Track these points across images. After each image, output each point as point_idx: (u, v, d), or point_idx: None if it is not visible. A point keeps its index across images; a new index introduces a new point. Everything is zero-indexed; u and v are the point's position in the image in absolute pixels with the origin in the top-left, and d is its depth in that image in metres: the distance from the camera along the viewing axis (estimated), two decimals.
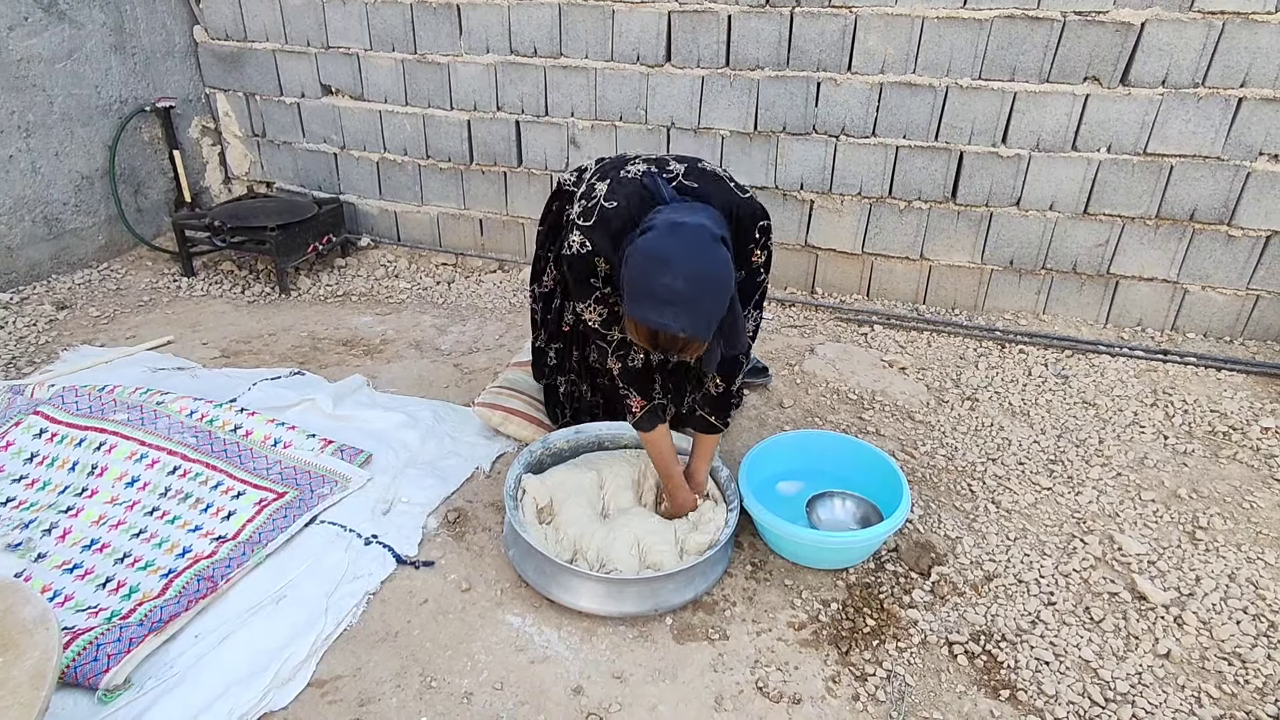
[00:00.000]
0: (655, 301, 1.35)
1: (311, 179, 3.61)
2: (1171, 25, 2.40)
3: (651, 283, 1.36)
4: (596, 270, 1.58)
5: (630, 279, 1.40)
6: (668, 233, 1.40)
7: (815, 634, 1.58)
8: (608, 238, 1.54)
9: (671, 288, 1.34)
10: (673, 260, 1.36)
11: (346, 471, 1.93)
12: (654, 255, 1.38)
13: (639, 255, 1.39)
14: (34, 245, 3.07)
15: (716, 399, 1.77)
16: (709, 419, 1.79)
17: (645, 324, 1.37)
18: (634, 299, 1.39)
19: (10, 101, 2.90)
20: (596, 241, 1.55)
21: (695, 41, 2.83)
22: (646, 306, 1.37)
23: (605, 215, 1.55)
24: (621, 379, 1.71)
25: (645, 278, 1.37)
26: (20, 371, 2.49)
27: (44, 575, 1.61)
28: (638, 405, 1.71)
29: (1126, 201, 2.66)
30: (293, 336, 2.79)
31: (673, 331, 1.36)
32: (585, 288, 1.62)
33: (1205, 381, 2.51)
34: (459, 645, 1.52)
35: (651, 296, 1.36)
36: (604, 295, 1.62)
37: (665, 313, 1.35)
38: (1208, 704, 1.43)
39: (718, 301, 1.39)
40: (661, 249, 1.38)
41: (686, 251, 1.38)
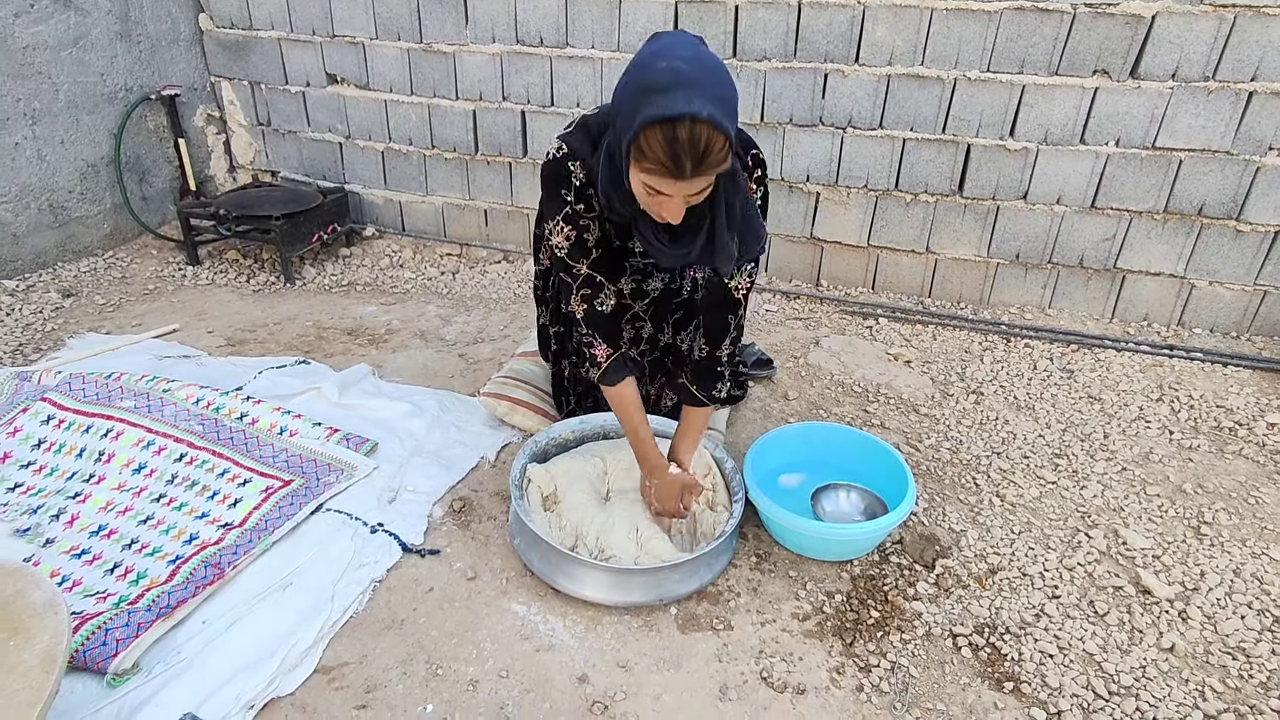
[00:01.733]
0: (661, 89, 1.16)
1: (316, 168, 3.61)
2: (1183, 18, 2.38)
3: (650, 75, 1.19)
4: (570, 178, 1.44)
5: (624, 100, 1.23)
6: (648, 42, 1.26)
7: (820, 625, 1.58)
8: (586, 140, 1.42)
9: (674, 70, 1.17)
10: (666, 48, 1.21)
11: (352, 460, 1.93)
12: (641, 60, 1.22)
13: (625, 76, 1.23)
14: (40, 233, 3.07)
15: (699, 365, 1.61)
16: (690, 387, 1.63)
17: (660, 121, 1.16)
18: (637, 109, 1.19)
19: (16, 89, 2.89)
20: (573, 143, 1.43)
21: (702, 31, 2.82)
22: (654, 102, 1.16)
23: (585, 120, 1.45)
24: (585, 323, 1.56)
25: (641, 76, 1.20)
26: (27, 358, 2.49)
27: (52, 560, 1.62)
28: (603, 354, 1.56)
29: (1134, 195, 2.64)
30: (298, 325, 2.79)
31: (693, 113, 1.15)
32: (555, 200, 1.47)
33: (1211, 377, 2.50)
34: (465, 633, 1.53)
35: (655, 87, 1.17)
36: (574, 212, 1.47)
37: (678, 97, 1.15)
38: (1212, 698, 1.43)
39: (725, 82, 1.22)
40: (647, 51, 1.23)
41: (677, 40, 1.24)
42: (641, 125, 1.18)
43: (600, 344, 1.59)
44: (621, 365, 1.61)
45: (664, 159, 1.20)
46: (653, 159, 1.21)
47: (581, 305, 1.56)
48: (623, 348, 1.61)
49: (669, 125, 1.17)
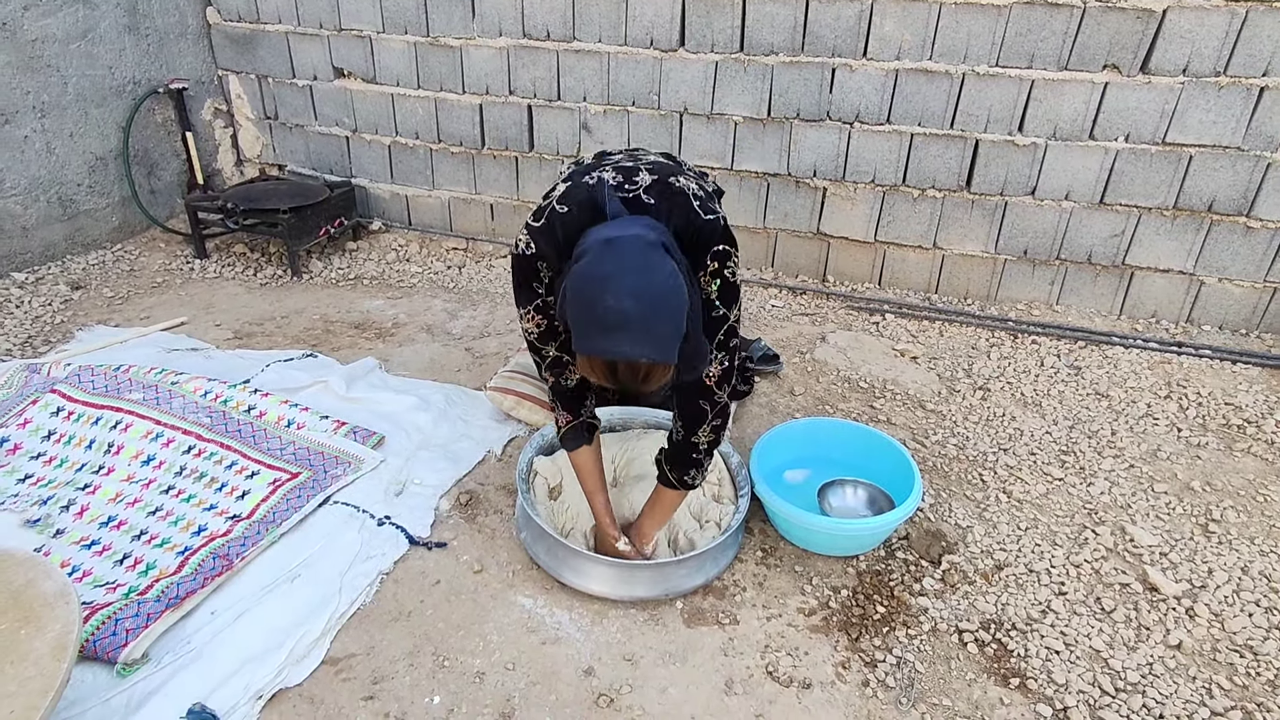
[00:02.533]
0: (604, 329, 1.20)
1: (323, 162, 3.61)
2: (1194, 13, 2.37)
3: (595, 310, 1.21)
4: (540, 274, 1.48)
5: (572, 314, 1.26)
6: (601, 251, 1.26)
7: (825, 620, 1.58)
8: (553, 244, 1.43)
9: (618, 310, 1.19)
10: (611, 278, 1.21)
11: (359, 453, 1.94)
12: (590, 279, 1.23)
13: (575, 283, 1.25)
14: (49, 226, 3.08)
15: (676, 449, 1.57)
16: (665, 471, 1.60)
17: (600, 355, 1.23)
18: (581, 334, 1.24)
19: (25, 82, 2.90)
20: (541, 245, 1.45)
21: (709, 26, 2.81)
22: (595, 337, 1.22)
23: (554, 220, 1.44)
24: (552, 393, 1.63)
25: (587, 306, 1.22)
26: (36, 350, 2.51)
27: (63, 551, 1.63)
28: (563, 421, 1.63)
29: (1144, 192, 2.63)
30: (305, 319, 2.80)
31: (631, 358, 1.21)
32: (527, 292, 1.51)
33: (1220, 374, 2.49)
34: (471, 626, 1.54)
35: (599, 325, 1.21)
36: (544, 304, 1.51)
37: (619, 340, 1.20)
38: (1219, 695, 1.43)
39: (674, 316, 1.24)
40: (597, 270, 1.23)
41: (625, 265, 1.23)
42: (582, 349, 1.25)
43: (561, 411, 1.64)
44: (578, 433, 1.65)
45: (607, 380, 1.27)
46: (597, 375, 1.28)
47: (550, 378, 1.63)
48: (583, 415, 1.65)
49: (610, 361, 1.23)
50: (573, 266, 1.29)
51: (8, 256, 2.97)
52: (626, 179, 1.46)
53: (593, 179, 1.46)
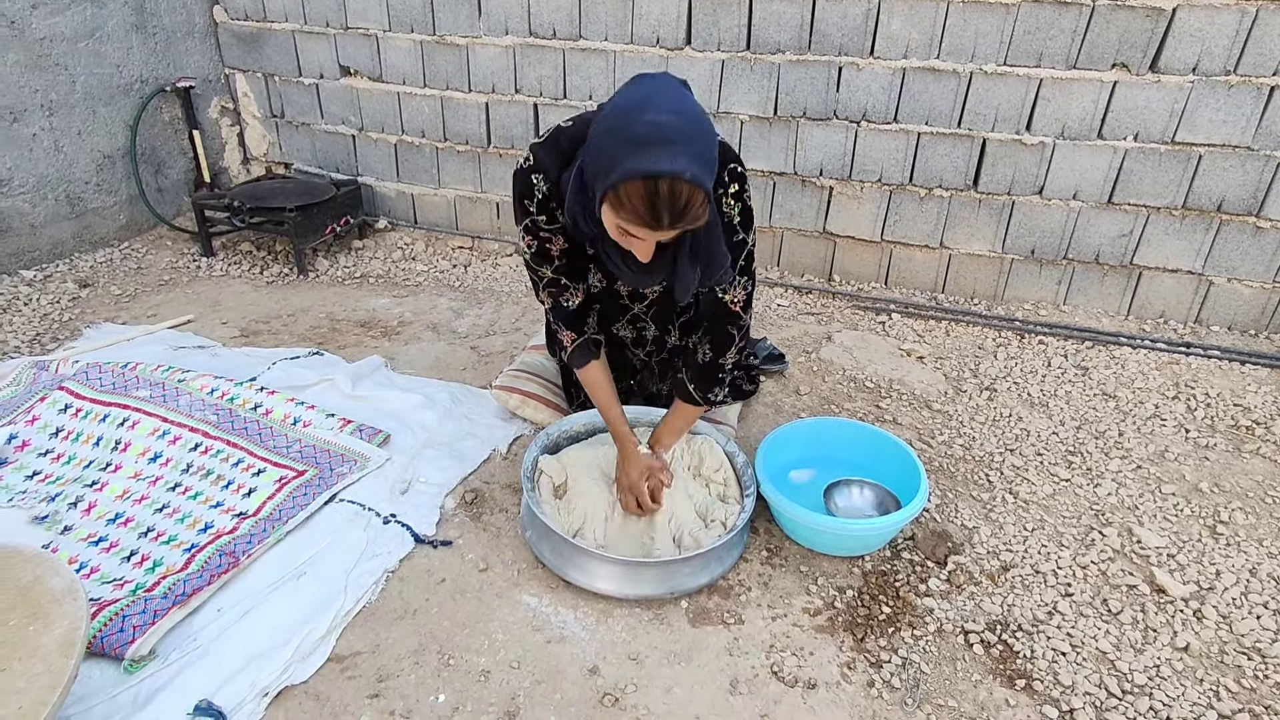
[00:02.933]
0: (644, 146, 1.13)
1: (329, 160, 3.62)
2: (1204, 11, 2.35)
3: (634, 129, 1.14)
4: (534, 190, 1.45)
5: (604, 147, 1.19)
6: (635, 83, 1.21)
7: (830, 620, 1.58)
8: (556, 155, 1.41)
9: (659, 124, 1.13)
10: (650, 98, 1.16)
11: (365, 451, 1.94)
12: (625, 105, 1.17)
13: (608, 120, 1.19)
14: (57, 223, 3.10)
15: (702, 368, 1.61)
16: (688, 386, 1.63)
17: (642, 176, 1.14)
18: (617, 158, 1.16)
19: (33, 80, 2.92)
20: (540, 156, 1.43)
21: (716, 24, 2.80)
22: (634, 156, 1.13)
23: (558, 134, 1.44)
24: (552, 315, 1.63)
25: (624, 129, 1.15)
26: (44, 348, 2.52)
27: (70, 547, 1.64)
28: (568, 339, 1.63)
29: (1153, 191, 2.61)
30: (311, 317, 2.80)
31: (676, 173, 1.13)
32: (520, 209, 1.49)
33: (1229, 375, 2.48)
34: (476, 624, 1.54)
35: (638, 143, 1.13)
36: (534, 223, 1.49)
37: (660, 155, 1.12)
38: (1226, 698, 1.42)
39: (711, 139, 1.20)
40: (631, 96, 1.19)
41: (661, 89, 1.19)
42: (622, 177, 1.16)
43: (566, 331, 1.65)
44: (586, 350, 1.66)
45: (642, 212, 1.19)
46: (630, 210, 1.20)
47: (548, 300, 1.63)
48: (587, 332, 1.66)
49: (651, 181, 1.15)
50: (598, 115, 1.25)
51: (16, 254, 2.98)
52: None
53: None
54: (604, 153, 1.19)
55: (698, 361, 1.64)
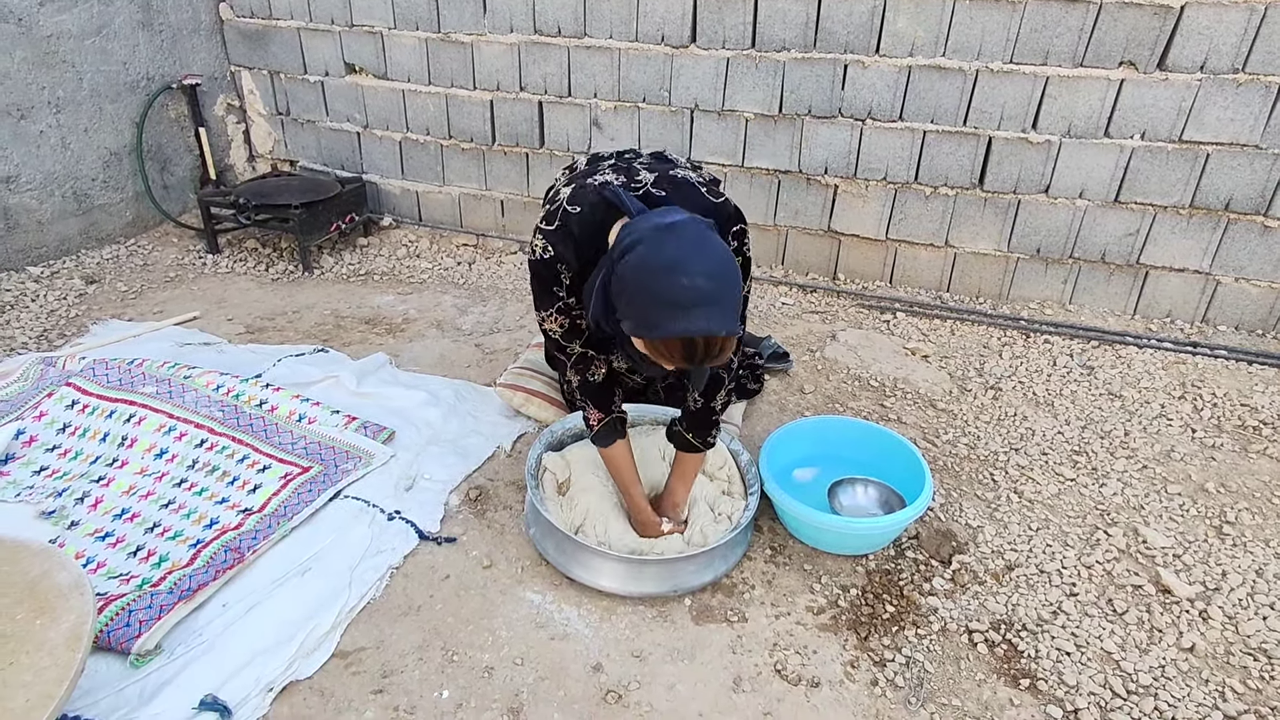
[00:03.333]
0: (683, 309, 1.22)
1: (334, 158, 3.63)
2: (1212, 8, 2.34)
3: (671, 292, 1.23)
4: (560, 278, 1.50)
5: (640, 301, 1.26)
6: (663, 236, 1.27)
7: (834, 619, 1.58)
8: (571, 245, 1.47)
9: (694, 289, 1.22)
10: (685, 261, 1.24)
11: (370, 448, 1.95)
12: (662, 264, 1.24)
13: (639, 272, 1.26)
14: (64, 220, 3.11)
15: (696, 415, 1.66)
16: (686, 437, 1.68)
17: (682, 336, 1.24)
18: (653, 319, 1.25)
19: (41, 77, 2.93)
20: (558, 247, 1.47)
21: (721, 22, 2.80)
22: (674, 319, 1.23)
23: (568, 220, 1.47)
24: (580, 391, 1.65)
25: (663, 289, 1.23)
26: (51, 344, 2.53)
27: (77, 542, 1.65)
28: (595, 419, 1.65)
29: (1159, 190, 2.60)
30: (316, 314, 2.81)
31: (712, 334, 1.24)
32: (548, 296, 1.53)
33: (1236, 375, 2.47)
34: (480, 620, 1.54)
35: (676, 306, 1.23)
36: (566, 305, 1.54)
37: (698, 317, 1.23)
38: (1232, 699, 1.41)
39: (738, 288, 1.30)
40: (667, 254, 1.25)
41: (694, 247, 1.26)
42: (663, 335, 1.25)
43: (593, 410, 1.66)
44: (612, 429, 1.67)
45: (678, 360, 1.29)
46: (666, 355, 1.29)
47: (575, 377, 1.64)
48: (614, 411, 1.68)
49: (689, 340, 1.25)
50: (623, 260, 1.29)
51: (23, 250, 2.99)
52: (629, 178, 1.52)
53: (596, 180, 1.50)
54: (638, 306, 1.27)
55: (691, 409, 1.68)
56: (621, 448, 1.69)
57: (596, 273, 1.40)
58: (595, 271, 1.41)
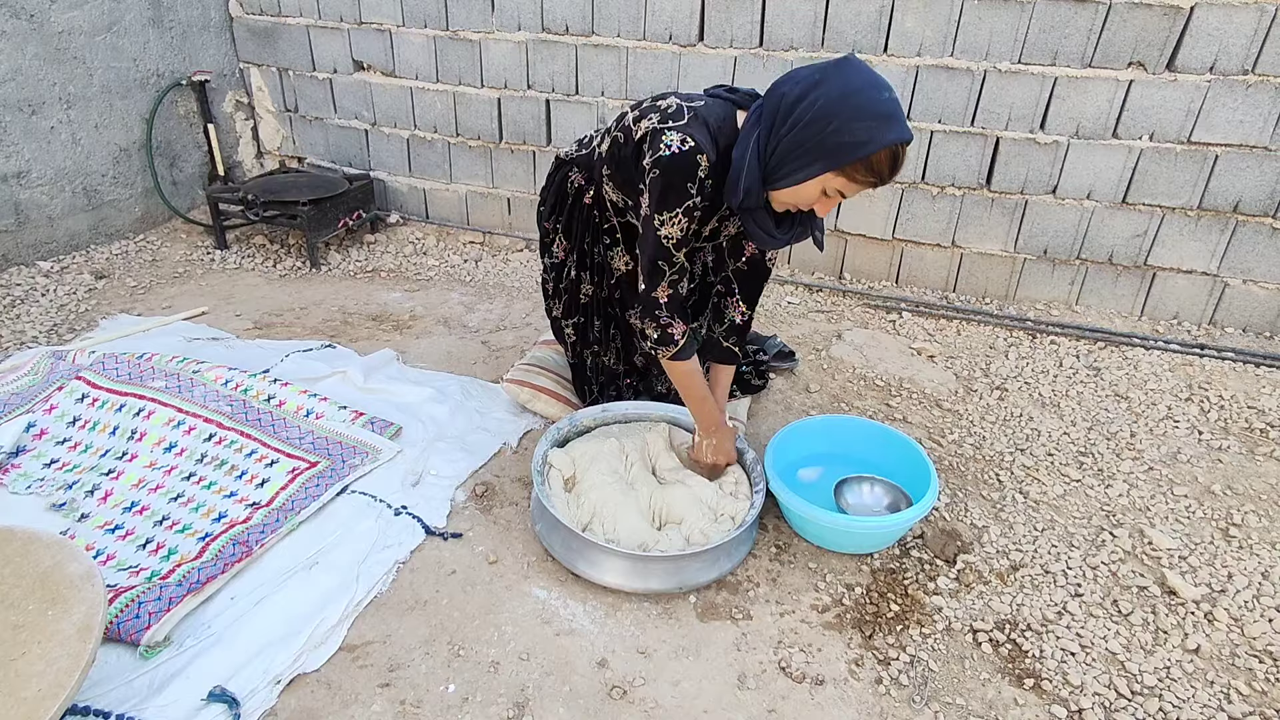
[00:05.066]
0: (893, 119, 1.33)
1: (342, 155, 3.64)
2: (1222, 9, 2.33)
3: (878, 106, 1.33)
4: (697, 171, 1.49)
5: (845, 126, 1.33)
6: (842, 69, 1.36)
7: (839, 617, 1.58)
8: (707, 135, 1.50)
9: (895, 101, 1.34)
10: (875, 79, 1.35)
11: (377, 443, 1.96)
12: (860, 85, 1.34)
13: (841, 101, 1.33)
14: (74, 215, 3.13)
15: (739, 327, 1.84)
16: (733, 348, 1.85)
17: (898, 142, 1.33)
18: (868, 134, 1.32)
19: (52, 73, 2.94)
20: (698, 136, 1.48)
21: (729, 21, 2.80)
22: (890, 128, 1.33)
23: (699, 113, 1.51)
24: (668, 306, 1.64)
25: (871, 105, 1.32)
26: (61, 338, 2.55)
27: (87, 535, 1.66)
28: (680, 332, 1.67)
29: (1168, 191, 2.60)
30: (323, 310, 2.82)
31: (910, 139, 1.36)
32: (679, 193, 1.50)
33: (1243, 377, 2.46)
34: (486, 616, 1.55)
35: (890, 117, 1.33)
36: (694, 204, 1.52)
37: (903, 125, 1.34)
38: (1237, 700, 1.41)
39: None
40: (861, 78, 1.35)
41: (869, 70, 1.37)
42: (881, 145, 1.33)
43: (678, 323, 1.67)
44: (693, 340, 1.74)
45: (885, 174, 1.38)
46: (875, 174, 1.38)
47: (667, 291, 1.63)
48: (692, 323, 1.76)
49: (900, 147, 1.35)
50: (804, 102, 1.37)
51: (34, 245, 3.02)
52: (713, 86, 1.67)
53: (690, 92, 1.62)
54: (841, 133, 1.34)
55: (736, 322, 1.86)
56: (696, 361, 1.75)
57: (744, 145, 1.45)
58: (742, 145, 1.46)
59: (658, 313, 1.65)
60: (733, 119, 1.56)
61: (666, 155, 1.48)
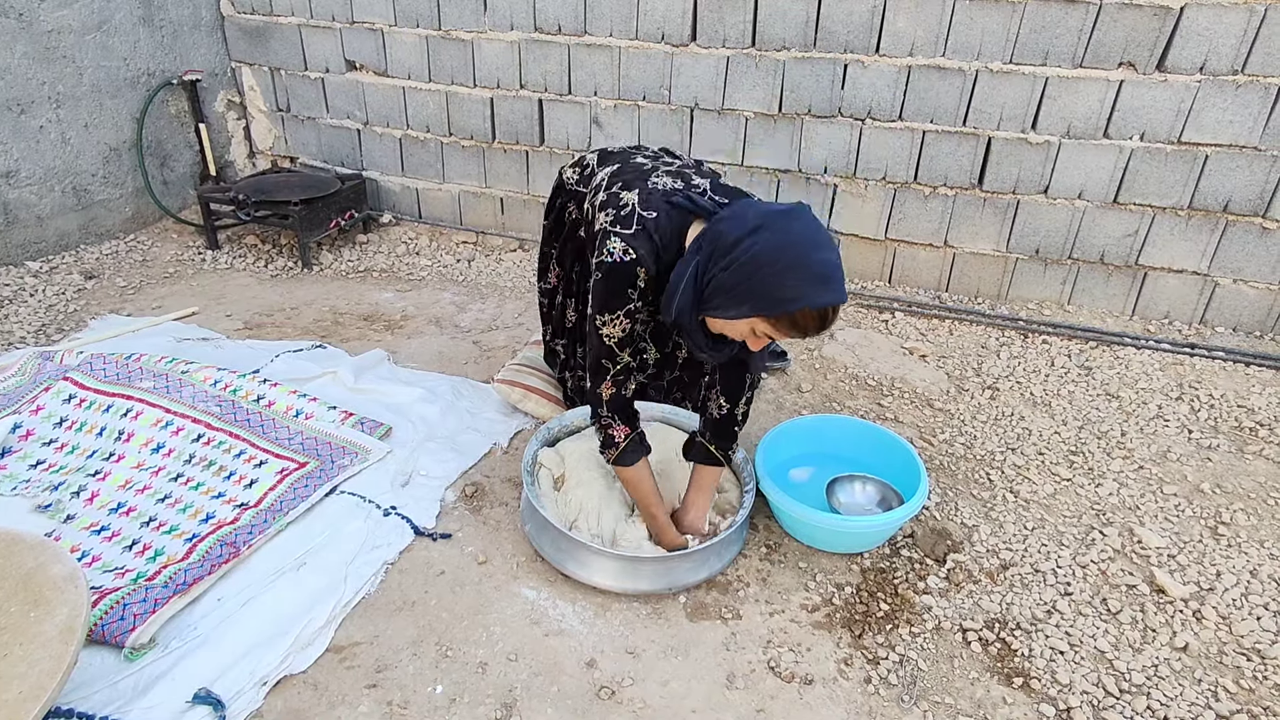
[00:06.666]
0: (826, 281, 1.33)
1: (335, 155, 3.63)
2: (1212, 10, 2.34)
3: (813, 268, 1.32)
4: (638, 281, 1.50)
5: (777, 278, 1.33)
6: (789, 219, 1.36)
7: (828, 616, 1.58)
8: (651, 249, 1.49)
9: (833, 262, 1.34)
10: (820, 239, 1.35)
11: (366, 443, 1.95)
12: (791, 243, 1.33)
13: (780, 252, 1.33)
14: (63, 215, 3.11)
15: (720, 423, 1.68)
16: (709, 447, 1.69)
17: (830, 305, 1.34)
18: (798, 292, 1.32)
19: (41, 72, 2.93)
20: (640, 250, 1.48)
21: (721, 21, 2.80)
22: (821, 291, 1.32)
23: (646, 225, 1.50)
24: (609, 405, 1.60)
25: (799, 267, 1.32)
26: (50, 339, 2.54)
27: (73, 536, 1.65)
28: (621, 435, 1.61)
29: (1158, 191, 2.60)
30: (314, 310, 2.81)
31: (842, 302, 1.36)
32: (620, 299, 1.52)
33: (1233, 376, 2.47)
34: (475, 616, 1.54)
35: (820, 279, 1.32)
36: (635, 309, 1.53)
37: (838, 289, 1.34)
38: (1225, 698, 1.41)
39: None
40: (805, 233, 1.34)
41: (818, 228, 1.37)
42: (808, 305, 1.34)
43: (620, 425, 1.62)
44: (638, 445, 1.64)
45: (810, 330, 1.38)
46: (799, 329, 1.38)
47: (610, 389, 1.60)
48: (638, 427, 1.65)
49: (829, 310, 1.35)
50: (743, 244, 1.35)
51: (23, 245, 3.00)
52: (687, 184, 1.58)
53: (660, 185, 1.55)
54: (774, 284, 1.34)
55: (715, 417, 1.69)
56: (645, 466, 1.66)
57: (684, 267, 1.44)
58: (682, 266, 1.45)
59: (599, 410, 1.62)
60: (683, 233, 1.52)
61: (609, 262, 1.50)
